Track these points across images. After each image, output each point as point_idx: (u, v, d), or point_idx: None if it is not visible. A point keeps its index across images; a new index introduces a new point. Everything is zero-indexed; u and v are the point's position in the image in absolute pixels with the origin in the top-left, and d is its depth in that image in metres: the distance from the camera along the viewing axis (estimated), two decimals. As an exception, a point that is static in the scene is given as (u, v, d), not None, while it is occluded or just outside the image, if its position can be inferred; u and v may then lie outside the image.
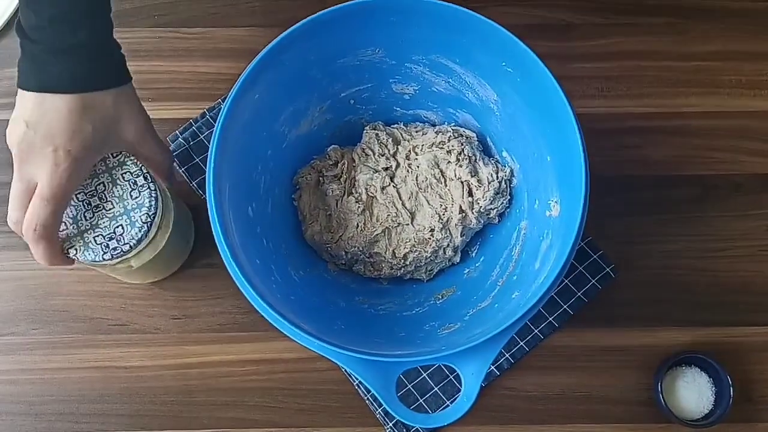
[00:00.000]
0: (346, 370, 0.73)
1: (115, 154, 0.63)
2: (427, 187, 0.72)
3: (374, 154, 0.73)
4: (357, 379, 0.73)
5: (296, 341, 0.59)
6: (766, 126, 0.81)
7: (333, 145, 0.75)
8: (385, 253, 0.72)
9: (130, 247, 0.61)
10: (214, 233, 0.60)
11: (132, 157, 0.63)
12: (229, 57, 0.82)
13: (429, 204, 0.72)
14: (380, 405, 0.73)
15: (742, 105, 0.81)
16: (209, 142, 0.62)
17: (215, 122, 0.73)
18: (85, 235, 0.61)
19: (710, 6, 0.84)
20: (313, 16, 0.62)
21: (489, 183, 0.71)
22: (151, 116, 0.79)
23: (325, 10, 0.62)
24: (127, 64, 0.81)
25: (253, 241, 0.66)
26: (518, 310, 0.59)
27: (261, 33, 0.83)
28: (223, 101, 0.79)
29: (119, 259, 0.62)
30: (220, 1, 0.84)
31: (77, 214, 0.62)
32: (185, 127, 0.79)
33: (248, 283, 0.58)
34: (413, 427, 0.72)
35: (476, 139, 0.73)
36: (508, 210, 0.73)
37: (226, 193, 0.62)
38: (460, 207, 0.71)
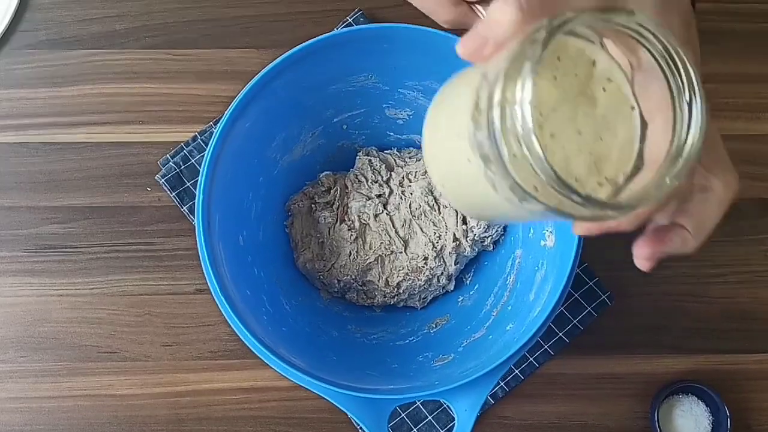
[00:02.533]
0: (338, 401, 0.72)
1: None
2: (421, 214, 0.71)
3: (367, 181, 0.72)
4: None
5: (286, 377, 0.58)
6: (764, 150, 0.80)
7: (325, 172, 0.74)
8: (378, 281, 0.71)
9: None
10: (203, 266, 0.59)
11: None
12: (222, 79, 0.81)
13: (423, 232, 0.71)
14: (373, 435, 0.72)
15: (740, 128, 0.80)
16: (200, 166, 0.61)
17: (207, 146, 0.72)
18: None
19: (707, 28, 0.83)
20: (304, 44, 0.61)
21: (483, 210, 0.70)
22: (142, 140, 0.80)
23: (316, 39, 0.61)
24: (118, 86, 0.81)
25: (243, 270, 0.65)
26: (513, 344, 0.58)
27: (254, 54, 0.82)
28: (215, 124, 0.78)
29: None
30: (213, 22, 0.83)
31: None
32: (176, 150, 0.79)
33: (237, 318, 0.57)
34: (407, 457, 0.71)
35: (470, 165, 0.72)
36: (502, 237, 0.72)
37: (216, 223, 0.61)
38: (454, 235, 0.70)
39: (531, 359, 0.74)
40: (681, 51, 0.32)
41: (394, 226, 0.71)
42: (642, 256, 0.42)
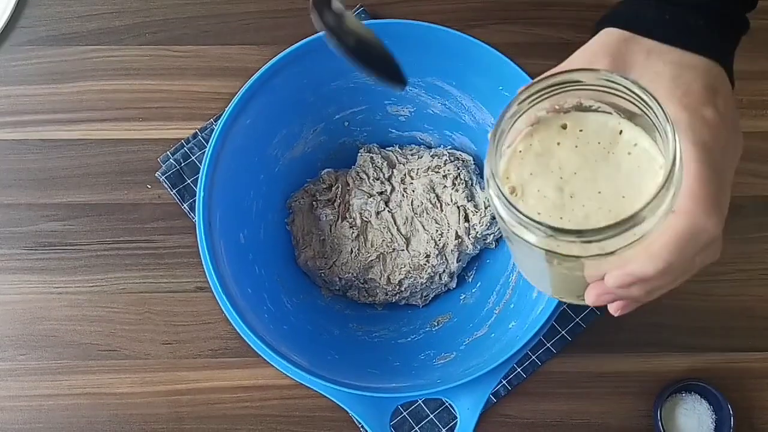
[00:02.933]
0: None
1: None
2: (423, 211, 0.71)
3: (369, 178, 0.72)
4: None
5: (287, 375, 0.58)
6: (767, 147, 0.79)
7: (327, 169, 0.73)
8: (380, 279, 0.70)
9: None
10: (203, 265, 0.59)
11: None
12: (222, 75, 0.81)
13: (424, 229, 0.70)
14: (375, 433, 0.72)
15: (743, 126, 0.78)
16: (201, 163, 0.61)
17: (207, 143, 0.72)
18: None
19: (711, 24, 0.83)
20: (305, 41, 0.61)
21: (486, 208, 0.69)
22: (142, 137, 0.79)
23: (317, 35, 0.61)
24: (118, 82, 0.80)
25: (245, 268, 0.64)
26: (515, 342, 0.58)
27: (254, 51, 0.81)
28: (216, 121, 0.77)
29: None
30: (212, 18, 0.82)
31: None
32: (176, 147, 0.78)
33: (238, 316, 0.57)
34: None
35: (473, 162, 0.72)
36: (505, 235, 0.72)
37: (217, 221, 0.61)
38: (456, 232, 0.70)
39: (533, 357, 0.73)
40: (644, 91, 0.35)
41: (395, 224, 0.71)
42: (591, 300, 0.43)
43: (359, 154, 0.73)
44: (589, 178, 0.37)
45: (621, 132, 0.38)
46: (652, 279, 0.39)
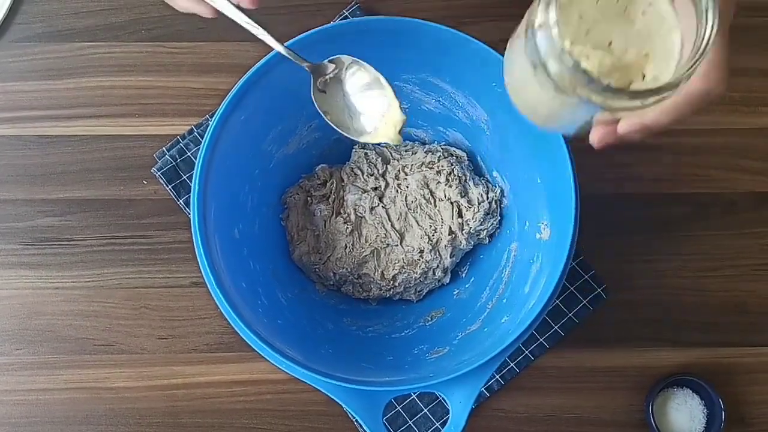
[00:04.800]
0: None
1: None
2: (417, 207, 0.71)
3: (363, 174, 0.72)
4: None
5: (282, 369, 0.58)
6: (760, 143, 0.80)
7: (321, 165, 0.74)
8: (374, 274, 0.71)
9: None
10: (198, 259, 0.59)
11: None
12: (218, 72, 0.81)
13: (418, 225, 0.71)
14: (369, 427, 0.72)
15: (736, 122, 0.80)
16: (196, 159, 0.61)
17: (203, 139, 0.72)
18: None
19: (704, 21, 0.83)
20: (299, 36, 0.61)
21: (479, 203, 0.70)
22: (138, 132, 0.80)
23: (312, 31, 0.61)
24: (114, 78, 0.81)
25: (239, 263, 0.65)
26: (507, 336, 0.58)
27: (250, 47, 0.82)
28: (211, 117, 0.78)
29: None
30: (208, 15, 0.82)
31: None
32: (172, 143, 0.78)
33: (233, 310, 0.58)
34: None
35: (466, 158, 0.72)
36: (498, 231, 0.72)
37: (212, 216, 0.61)
38: (450, 228, 0.70)
39: (526, 352, 0.74)
40: None
41: (389, 219, 0.71)
42: (596, 139, 0.45)
43: (354, 150, 0.74)
44: (604, 31, 0.40)
45: None
46: (659, 128, 0.43)
